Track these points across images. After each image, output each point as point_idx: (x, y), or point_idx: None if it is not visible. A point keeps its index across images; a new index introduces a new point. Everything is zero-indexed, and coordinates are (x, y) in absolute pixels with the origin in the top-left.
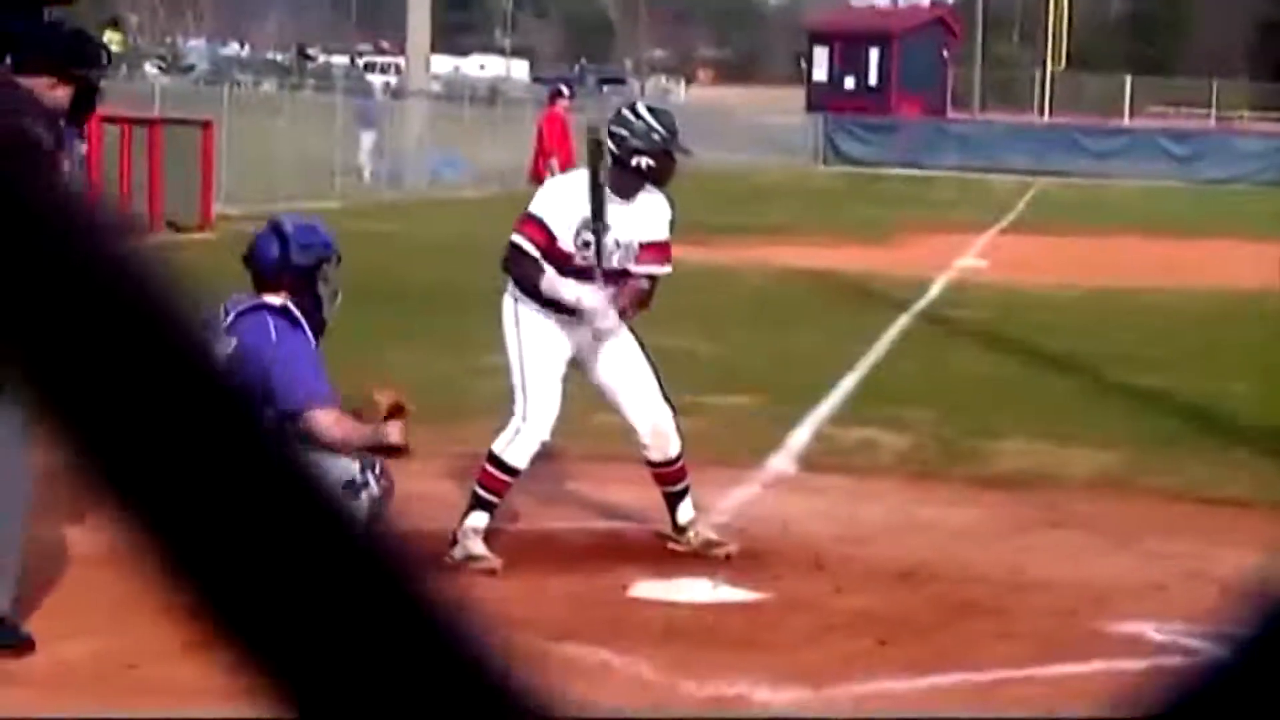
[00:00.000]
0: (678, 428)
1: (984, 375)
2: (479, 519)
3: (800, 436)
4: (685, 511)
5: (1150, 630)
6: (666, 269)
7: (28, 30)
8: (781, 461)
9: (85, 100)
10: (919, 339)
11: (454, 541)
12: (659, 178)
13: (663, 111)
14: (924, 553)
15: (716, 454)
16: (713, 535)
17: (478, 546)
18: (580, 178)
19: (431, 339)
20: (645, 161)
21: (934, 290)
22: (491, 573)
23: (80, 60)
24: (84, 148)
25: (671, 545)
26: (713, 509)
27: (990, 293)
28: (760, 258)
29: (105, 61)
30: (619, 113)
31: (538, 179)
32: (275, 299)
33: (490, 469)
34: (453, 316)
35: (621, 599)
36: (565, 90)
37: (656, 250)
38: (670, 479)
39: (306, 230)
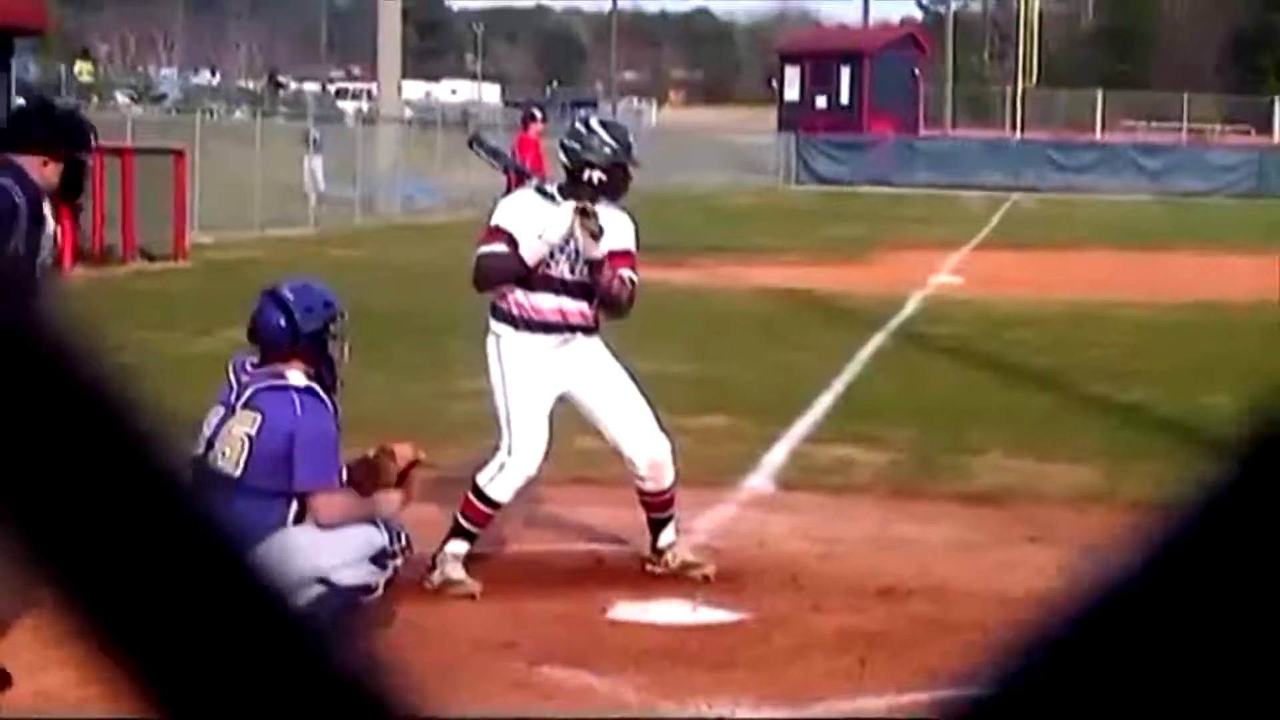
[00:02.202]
0: (673, 459)
1: (961, 391)
2: (459, 546)
3: (777, 455)
4: (666, 535)
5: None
6: (635, 276)
7: (20, 111)
8: (759, 480)
9: (75, 179)
10: (895, 356)
11: (432, 566)
12: (612, 190)
13: (615, 125)
14: (903, 570)
15: (694, 474)
16: (690, 557)
17: (457, 572)
18: (531, 193)
19: (405, 363)
20: (597, 175)
21: (910, 307)
22: (470, 597)
23: (70, 140)
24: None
25: (649, 567)
26: (690, 529)
27: (966, 309)
28: (735, 277)
29: (94, 142)
30: (572, 127)
31: None
32: (297, 375)
33: (473, 500)
34: (426, 340)
35: (602, 621)
36: (538, 114)
37: (624, 257)
38: (660, 507)
39: (305, 293)
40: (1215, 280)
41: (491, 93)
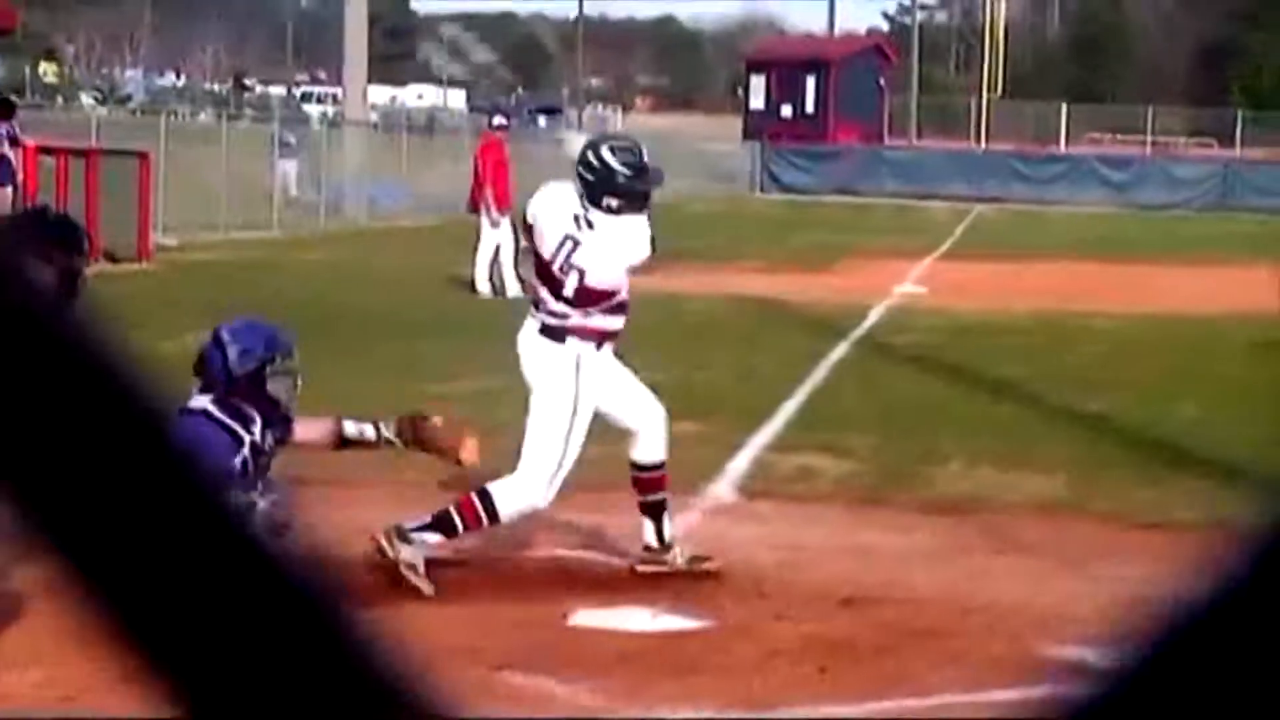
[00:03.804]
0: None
1: (925, 400)
2: (434, 537)
3: (740, 463)
4: (667, 527)
5: (1093, 656)
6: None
7: (17, 217)
8: (722, 488)
9: (69, 286)
10: (859, 365)
11: (402, 537)
12: (633, 212)
13: (625, 149)
14: (866, 578)
15: None
16: (697, 552)
17: (421, 563)
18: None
19: (373, 367)
20: (615, 202)
21: (874, 316)
22: (418, 594)
23: (65, 247)
24: None
25: (643, 568)
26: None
27: (930, 318)
28: (699, 285)
29: (88, 248)
30: (584, 155)
31: (475, 208)
32: (200, 399)
33: (479, 505)
34: (394, 344)
35: (563, 627)
36: (503, 119)
37: (597, 294)
38: (661, 484)
39: (245, 334)
40: (1181, 292)
41: (457, 98)
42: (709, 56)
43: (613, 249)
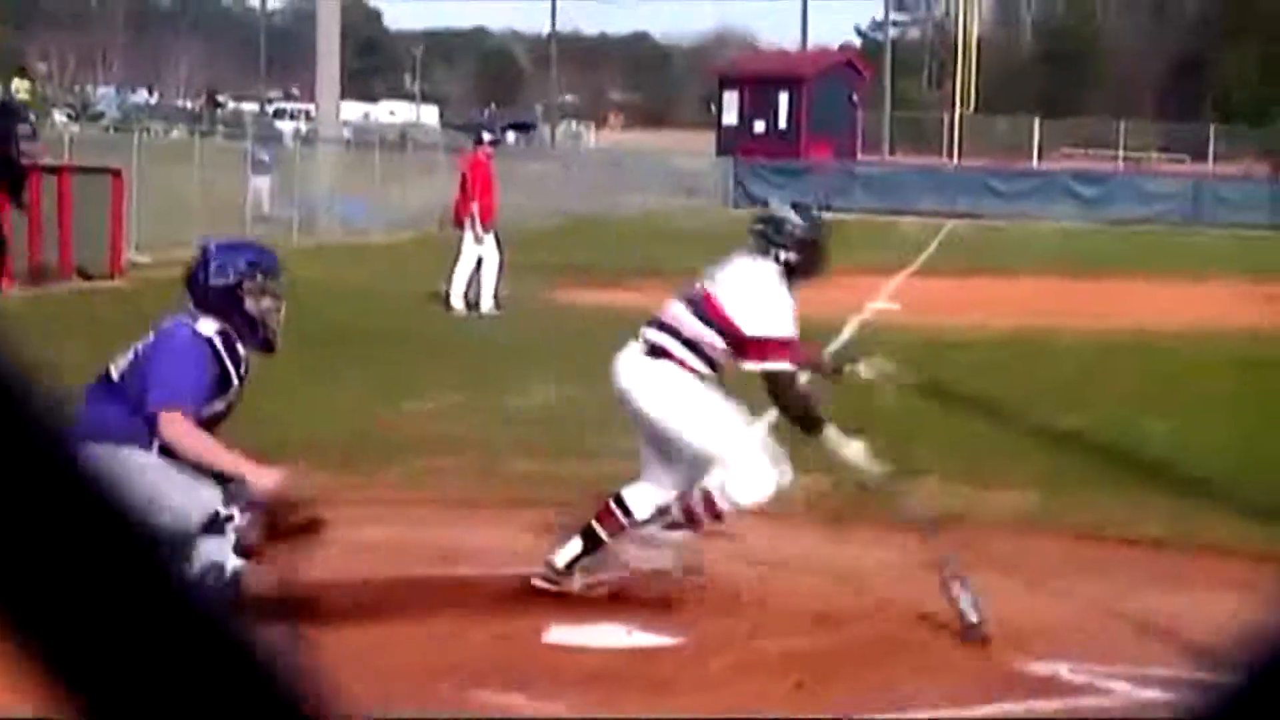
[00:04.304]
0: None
1: (899, 416)
2: (675, 536)
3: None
4: (585, 561)
5: (1066, 670)
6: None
7: None
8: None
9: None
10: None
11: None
12: (807, 267)
13: (801, 205)
14: (841, 593)
15: None
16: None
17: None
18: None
19: (345, 382)
20: (789, 255)
21: (847, 332)
22: (389, 613)
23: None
24: None
25: (541, 584)
26: (625, 552)
27: (903, 334)
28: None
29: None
30: (760, 214)
31: (460, 224)
32: (207, 324)
33: (702, 501)
34: (366, 359)
35: (537, 644)
36: (488, 135)
37: (717, 317)
38: (616, 528)
39: (228, 250)
40: (1155, 307)
41: (430, 114)
42: (681, 72)
43: (748, 287)
